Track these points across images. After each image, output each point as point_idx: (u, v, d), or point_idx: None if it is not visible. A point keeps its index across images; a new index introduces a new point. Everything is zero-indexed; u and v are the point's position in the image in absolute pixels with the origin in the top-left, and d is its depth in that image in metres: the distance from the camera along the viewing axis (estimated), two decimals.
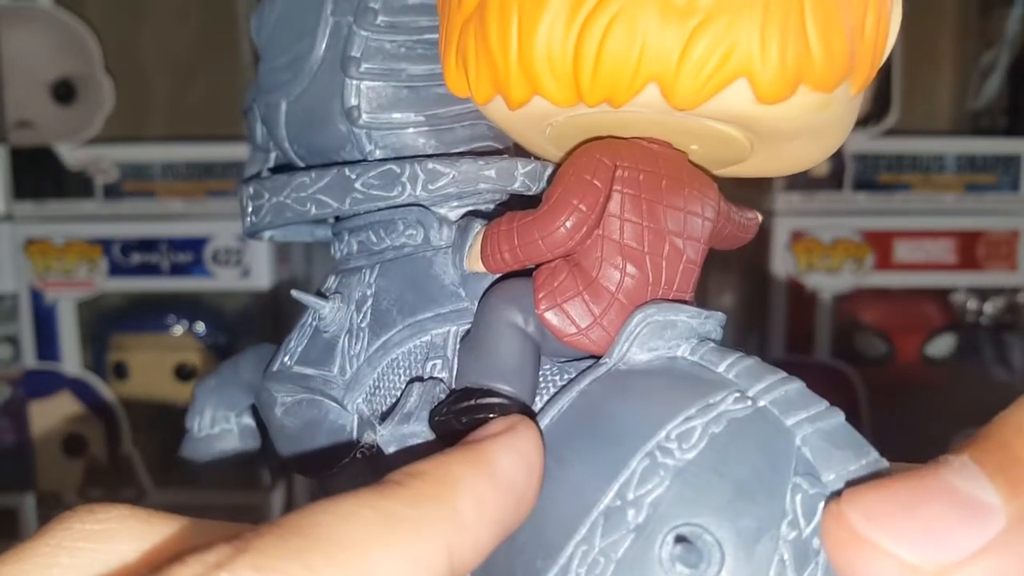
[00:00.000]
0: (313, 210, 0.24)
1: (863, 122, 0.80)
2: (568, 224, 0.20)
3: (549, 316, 0.20)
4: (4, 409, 0.84)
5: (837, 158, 0.80)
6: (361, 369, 0.23)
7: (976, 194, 0.81)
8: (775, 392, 0.19)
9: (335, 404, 0.23)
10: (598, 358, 0.21)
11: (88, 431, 0.82)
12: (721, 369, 0.19)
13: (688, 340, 0.20)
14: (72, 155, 0.79)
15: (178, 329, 0.83)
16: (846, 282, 0.82)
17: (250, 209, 0.25)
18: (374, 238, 0.24)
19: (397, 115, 0.23)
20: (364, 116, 0.23)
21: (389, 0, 0.23)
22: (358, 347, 0.23)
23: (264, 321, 0.82)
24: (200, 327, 0.83)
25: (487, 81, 0.19)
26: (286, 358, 0.25)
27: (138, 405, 0.84)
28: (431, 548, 0.15)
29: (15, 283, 0.80)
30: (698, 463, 0.18)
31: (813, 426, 0.18)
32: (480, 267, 0.22)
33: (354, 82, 0.23)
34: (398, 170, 0.23)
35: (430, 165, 0.23)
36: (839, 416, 0.18)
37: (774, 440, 0.18)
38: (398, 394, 0.23)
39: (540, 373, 0.21)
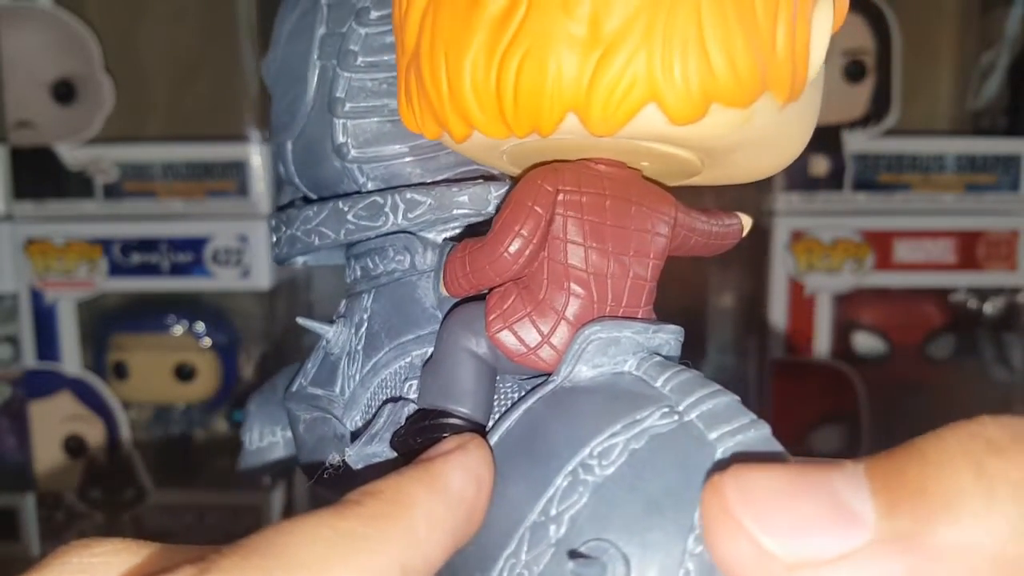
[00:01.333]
0: (316, 241, 0.25)
1: (863, 122, 0.80)
2: (511, 249, 0.20)
3: (500, 337, 0.21)
4: (4, 409, 0.84)
5: (837, 158, 0.80)
6: (356, 390, 0.24)
7: (976, 194, 0.81)
8: (703, 406, 0.19)
9: (339, 421, 0.24)
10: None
11: (88, 431, 0.82)
12: (659, 383, 0.20)
13: (636, 355, 0.20)
14: (72, 155, 0.79)
15: (178, 329, 0.83)
16: (846, 282, 0.82)
17: (274, 239, 0.27)
18: (371, 264, 0.25)
19: (383, 148, 0.25)
20: (353, 151, 0.24)
21: (367, 41, 0.24)
22: (354, 368, 0.24)
23: (264, 321, 0.82)
24: (200, 327, 0.82)
25: (430, 119, 0.20)
26: (302, 379, 0.26)
27: (138, 405, 0.84)
28: (386, 564, 0.16)
29: (15, 283, 0.80)
30: (615, 479, 0.18)
31: (734, 439, 0.18)
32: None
33: (340, 121, 0.24)
34: (381, 201, 0.24)
35: (408, 195, 0.24)
36: (764, 429, 0.19)
37: (694, 454, 0.18)
38: None
39: (501, 390, 0.22)
